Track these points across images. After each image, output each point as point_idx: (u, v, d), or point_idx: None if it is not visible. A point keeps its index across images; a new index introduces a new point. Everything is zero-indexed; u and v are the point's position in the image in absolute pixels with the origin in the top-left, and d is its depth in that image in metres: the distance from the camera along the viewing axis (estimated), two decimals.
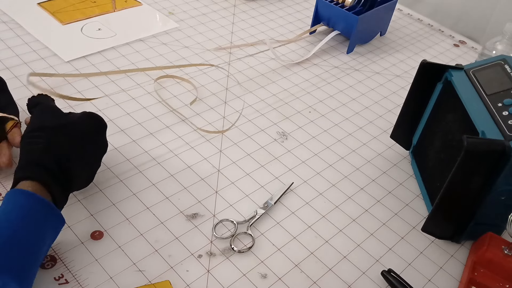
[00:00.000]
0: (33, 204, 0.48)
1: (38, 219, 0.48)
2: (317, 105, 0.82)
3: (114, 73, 0.80)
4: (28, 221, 0.47)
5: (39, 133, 0.54)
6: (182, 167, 0.67)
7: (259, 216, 0.60)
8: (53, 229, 0.50)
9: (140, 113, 0.74)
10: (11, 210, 0.47)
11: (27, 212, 0.47)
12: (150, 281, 0.52)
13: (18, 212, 0.47)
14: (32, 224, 0.47)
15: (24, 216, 0.47)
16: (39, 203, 0.48)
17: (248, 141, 0.73)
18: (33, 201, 0.48)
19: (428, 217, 0.59)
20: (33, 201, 0.48)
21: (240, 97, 0.80)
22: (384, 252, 0.60)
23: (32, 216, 0.47)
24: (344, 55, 0.96)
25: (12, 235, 0.45)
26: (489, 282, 0.55)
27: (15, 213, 0.47)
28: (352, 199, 0.66)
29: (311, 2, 1.12)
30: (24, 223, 0.46)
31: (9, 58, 0.81)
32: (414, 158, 0.72)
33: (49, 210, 0.49)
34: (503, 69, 0.60)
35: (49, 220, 0.49)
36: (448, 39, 1.09)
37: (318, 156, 0.72)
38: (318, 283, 0.55)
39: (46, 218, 0.49)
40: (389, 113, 0.83)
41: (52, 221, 0.50)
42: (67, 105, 0.73)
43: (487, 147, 0.52)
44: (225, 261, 0.56)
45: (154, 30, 0.95)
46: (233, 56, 0.91)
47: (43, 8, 0.95)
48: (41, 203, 0.48)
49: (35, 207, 0.48)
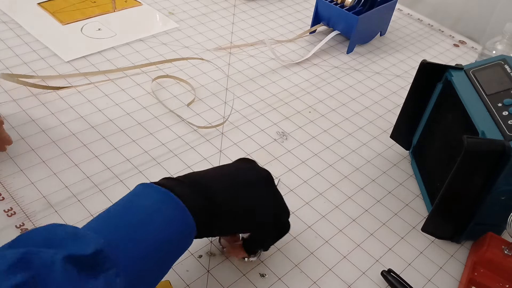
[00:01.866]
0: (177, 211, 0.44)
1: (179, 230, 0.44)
2: (317, 105, 0.82)
3: (92, 75, 0.80)
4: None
5: None
6: (182, 167, 0.66)
7: None
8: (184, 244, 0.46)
9: (140, 113, 0.74)
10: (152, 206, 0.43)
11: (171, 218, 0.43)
12: None
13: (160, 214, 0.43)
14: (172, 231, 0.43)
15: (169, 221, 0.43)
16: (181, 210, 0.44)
17: (248, 141, 0.72)
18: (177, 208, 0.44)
19: (428, 217, 0.59)
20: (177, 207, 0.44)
21: (232, 90, 0.80)
22: (384, 252, 0.60)
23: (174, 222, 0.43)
24: (344, 55, 0.96)
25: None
26: (489, 282, 0.55)
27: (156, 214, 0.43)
28: (352, 199, 0.66)
29: (311, 2, 1.12)
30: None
31: (9, 58, 0.81)
32: (414, 158, 0.72)
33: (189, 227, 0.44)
34: (503, 69, 0.60)
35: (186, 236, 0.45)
36: (448, 39, 1.09)
37: (318, 156, 0.72)
38: (318, 283, 0.55)
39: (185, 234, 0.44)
40: (389, 113, 0.83)
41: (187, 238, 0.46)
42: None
43: (487, 147, 0.52)
44: (225, 261, 0.56)
45: (154, 30, 0.95)
46: (233, 56, 0.91)
47: (43, 8, 0.95)
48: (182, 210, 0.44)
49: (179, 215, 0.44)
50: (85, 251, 0.36)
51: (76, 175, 0.63)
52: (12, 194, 0.59)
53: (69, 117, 0.71)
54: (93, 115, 0.73)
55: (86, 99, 0.75)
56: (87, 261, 0.36)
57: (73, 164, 0.64)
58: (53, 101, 0.74)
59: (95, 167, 0.64)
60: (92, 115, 0.73)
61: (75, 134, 0.69)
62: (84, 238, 0.37)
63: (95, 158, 0.66)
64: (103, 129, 0.70)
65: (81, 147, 0.67)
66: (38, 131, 0.68)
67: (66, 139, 0.68)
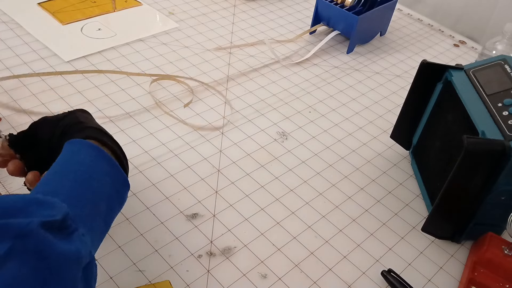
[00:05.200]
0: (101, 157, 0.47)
1: (106, 174, 0.46)
2: (317, 105, 0.82)
3: (48, 74, 0.79)
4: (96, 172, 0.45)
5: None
6: (182, 167, 0.66)
7: None
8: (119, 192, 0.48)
9: (140, 113, 0.74)
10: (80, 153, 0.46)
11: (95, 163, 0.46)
12: (150, 281, 0.52)
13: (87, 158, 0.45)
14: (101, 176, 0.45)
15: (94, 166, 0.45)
16: (107, 159, 0.47)
17: (248, 141, 0.72)
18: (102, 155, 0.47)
19: (428, 217, 0.59)
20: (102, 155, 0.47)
21: (231, 90, 0.81)
22: (384, 252, 0.60)
23: (100, 169, 0.46)
24: (344, 55, 0.96)
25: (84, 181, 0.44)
26: (489, 282, 0.55)
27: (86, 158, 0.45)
28: (352, 199, 0.66)
29: (311, 2, 1.12)
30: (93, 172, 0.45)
31: (9, 58, 0.81)
32: (414, 158, 0.72)
33: (115, 168, 0.48)
34: (503, 69, 0.60)
35: (115, 180, 0.48)
36: (448, 39, 1.09)
37: (318, 156, 0.72)
38: (318, 283, 0.55)
39: (112, 176, 0.47)
40: (389, 113, 0.83)
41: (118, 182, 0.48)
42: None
43: (487, 147, 0.52)
44: (225, 261, 0.56)
45: (154, 30, 0.95)
46: (233, 56, 0.91)
47: (43, 8, 0.95)
48: (109, 160, 0.47)
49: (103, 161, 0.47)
50: (55, 216, 0.37)
51: None
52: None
53: None
54: (93, 115, 0.72)
55: (86, 99, 0.75)
56: (58, 224, 0.37)
57: None
58: (53, 101, 0.74)
59: None
60: (92, 115, 0.72)
61: None
62: (48, 204, 0.38)
63: None
64: None
65: None
66: None
67: None
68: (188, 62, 0.87)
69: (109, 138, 0.51)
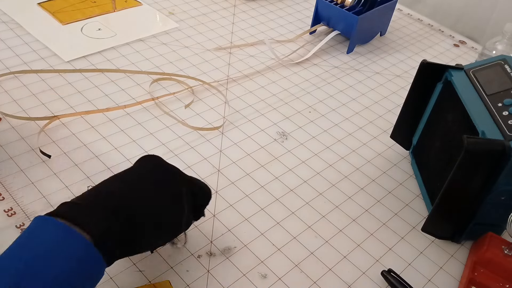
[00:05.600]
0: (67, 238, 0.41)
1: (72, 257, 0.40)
2: (317, 105, 0.82)
3: (87, 71, 0.80)
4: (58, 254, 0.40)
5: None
6: (182, 167, 0.66)
7: None
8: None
9: (140, 113, 0.74)
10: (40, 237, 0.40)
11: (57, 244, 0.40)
12: (150, 281, 0.52)
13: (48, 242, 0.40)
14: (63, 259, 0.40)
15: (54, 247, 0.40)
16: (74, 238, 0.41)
17: (248, 141, 0.73)
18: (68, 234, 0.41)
19: (428, 217, 0.59)
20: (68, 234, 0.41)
21: (231, 90, 0.81)
22: (384, 252, 0.60)
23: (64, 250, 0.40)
24: (344, 55, 0.96)
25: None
26: (489, 282, 0.55)
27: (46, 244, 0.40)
28: (352, 199, 0.66)
29: (311, 2, 1.12)
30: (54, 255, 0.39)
31: (9, 58, 0.81)
32: (414, 158, 0.72)
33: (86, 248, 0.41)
34: (503, 69, 0.60)
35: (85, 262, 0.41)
36: (448, 39, 1.09)
37: (318, 156, 0.72)
38: (318, 283, 0.55)
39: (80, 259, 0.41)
40: (389, 113, 0.83)
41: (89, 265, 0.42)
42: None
43: (487, 147, 0.52)
44: (225, 261, 0.56)
45: (154, 30, 0.95)
46: (233, 56, 0.91)
47: (43, 8, 0.95)
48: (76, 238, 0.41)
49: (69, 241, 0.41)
50: None
51: (76, 175, 0.63)
52: (12, 194, 0.59)
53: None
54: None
55: (86, 99, 0.75)
56: None
57: (73, 164, 0.64)
58: (53, 101, 0.74)
59: (95, 167, 0.64)
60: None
61: (75, 134, 0.69)
62: None
63: (95, 158, 0.66)
64: (103, 129, 0.70)
65: (82, 147, 0.67)
66: (38, 131, 0.68)
67: (66, 139, 0.68)
68: (188, 62, 0.87)
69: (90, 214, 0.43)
